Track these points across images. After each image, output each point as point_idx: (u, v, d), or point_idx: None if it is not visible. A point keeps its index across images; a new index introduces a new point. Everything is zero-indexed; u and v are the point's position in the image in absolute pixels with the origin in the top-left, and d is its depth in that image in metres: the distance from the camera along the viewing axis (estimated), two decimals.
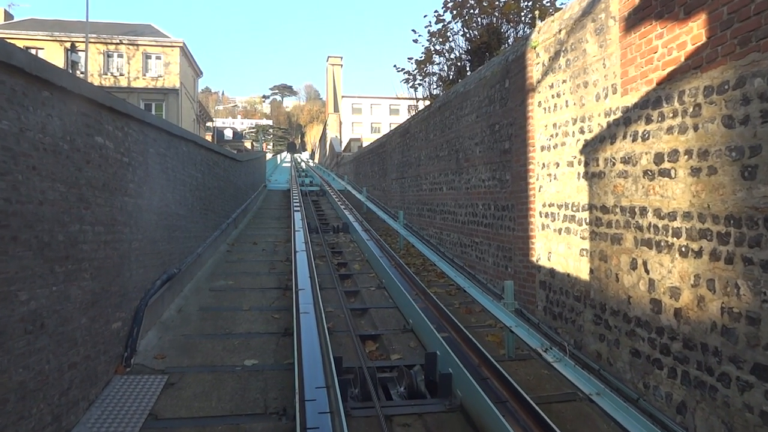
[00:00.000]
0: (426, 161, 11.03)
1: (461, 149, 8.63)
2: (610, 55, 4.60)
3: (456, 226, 8.94)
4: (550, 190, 5.67)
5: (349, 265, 9.88)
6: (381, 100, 71.84)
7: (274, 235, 12.67)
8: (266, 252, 10.64)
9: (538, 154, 5.98)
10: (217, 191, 10.53)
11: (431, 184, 10.60)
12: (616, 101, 4.51)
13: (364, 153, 22.12)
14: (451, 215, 9.21)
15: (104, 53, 30.38)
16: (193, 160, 8.36)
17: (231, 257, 10.06)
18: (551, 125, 5.67)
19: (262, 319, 6.66)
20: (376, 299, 7.66)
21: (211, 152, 9.87)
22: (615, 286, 4.48)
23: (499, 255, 7.04)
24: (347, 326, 6.52)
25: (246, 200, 15.57)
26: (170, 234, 6.91)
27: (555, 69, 5.60)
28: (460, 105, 8.69)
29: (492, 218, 7.28)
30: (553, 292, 5.57)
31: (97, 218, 4.48)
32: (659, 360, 3.89)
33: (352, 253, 10.88)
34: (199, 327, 6.32)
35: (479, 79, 7.81)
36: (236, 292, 7.80)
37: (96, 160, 4.49)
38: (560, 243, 5.44)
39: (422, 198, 11.36)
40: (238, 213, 13.22)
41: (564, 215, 5.37)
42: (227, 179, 11.97)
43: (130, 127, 5.41)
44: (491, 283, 7.32)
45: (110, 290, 4.79)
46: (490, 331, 6.33)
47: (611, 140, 4.56)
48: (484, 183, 7.55)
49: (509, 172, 6.68)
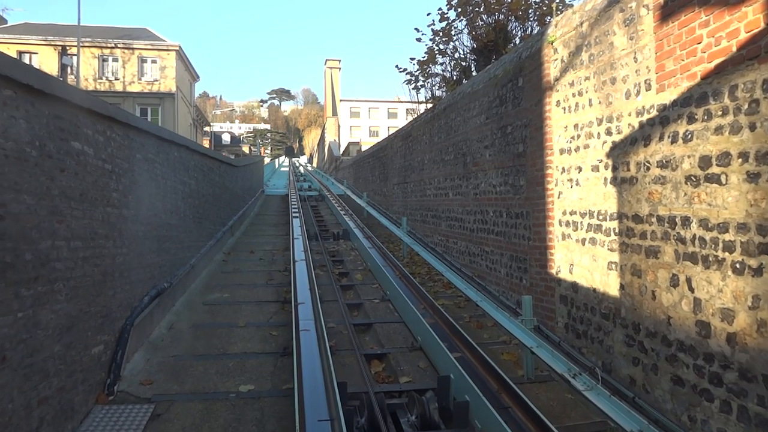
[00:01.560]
0: (430, 165, 10.58)
1: (469, 153, 8.18)
2: (643, 48, 4.16)
3: (464, 234, 8.48)
4: (572, 197, 5.21)
5: (350, 275, 9.41)
6: (379, 104, 71.65)
7: (272, 243, 12.20)
8: (264, 262, 10.16)
9: (556, 157, 5.53)
10: (212, 198, 10.06)
11: (436, 190, 10.15)
12: (651, 99, 4.06)
13: (363, 157, 21.68)
14: (458, 222, 8.76)
15: (99, 57, 29.93)
16: (186, 165, 7.90)
17: (227, 268, 9.58)
18: (572, 126, 5.22)
19: (259, 337, 6.19)
20: (380, 313, 7.19)
21: (206, 157, 9.42)
22: (651, 305, 4.02)
23: (512, 266, 6.58)
24: (351, 344, 6.06)
25: (243, 206, 15.10)
26: (160, 245, 6.44)
27: (576, 65, 5.16)
28: (467, 106, 8.25)
29: (504, 226, 6.82)
30: (576, 308, 5.11)
31: (73, 232, 4.02)
32: (708, 391, 3.42)
33: (354, 261, 10.42)
34: (191, 346, 5.84)
35: (488, 78, 7.37)
36: (232, 306, 7.33)
37: (72, 167, 4.03)
38: (584, 255, 4.99)
39: (426, 204, 10.90)
40: (234, 220, 12.75)
41: (588, 224, 4.91)
42: (223, 185, 11.50)
43: (114, 131, 4.95)
44: (504, 295, 6.86)
45: (90, 311, 4.32)
46: (504, 348, 5.87)
47: (645, 142, 4.11)
48: (495, 189, 7.09)
49: (524, 177, 6.23)
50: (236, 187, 13.86)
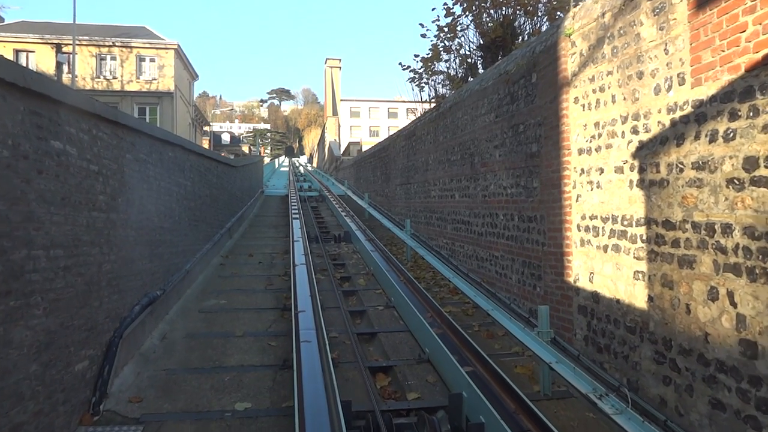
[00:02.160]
0: (435, 166, 10.23)
1: (477, 153, 7.84)
2: (675, 39, 3.81)
3: (471, 238, 8.14)
4: (592, 200, 4.87)
5: (353, 279, 9.07)
6: (379, 104, 71.35)
7: (271, 245, 11.85)
8: (263, 265, 9.81)
9: (574, 157, 5.18)
10: (209, 200, 9.72)
11: (441, 191, 9.80)
12: (684, 94, 3.72)
13: (365, 157, 21.33)
14: (465, 225, 8.41)
15: (96, 56, 29.57)
16: (181, 166, 7.56)
17: (224, 272, 9.24)
18: (592, 124, 4.88)
19: (258, 348, 5.84)
20: (385, 321, 6.85)
21: (202, 158, 9.07)
22: (685, 320, 3.68)
23: (525, 272, 6.23)
24: (354, 355, 5.71)
25: (242, 207, 14.76)
26: (152, 251, 6.09)
27: (597, 59, 4.81)
28: (475, 104, 7.90)
29: (516, 230, 6.48)
30: (597, 319, 4.76)
31: (53, 240, 3.67)
32: (755, 418, 3.08)
33: (356, 265, 10.07)
34: (185, 359, 5.50)
35: (498, 74, 7.02)
36: (229, 314, 6.98)
37: (52, 169, 3.68)
38: (606, 262, 4.64)
39: (431, 205, 10.56)
40: (233, 222, 12.41)
41: (611, 230, 4.57)
42: (221, 186, 11.16)
43: (100, 129, 4.60)
44: (515, 303, 6.51)
45: (72, 325, 3.97)
46: (518, 360, 5.52)
47: (677, 141, 3.77)
48: (506, 191, 6.75)
49: (537, 178, 5.89)
50: (234, 187, 13.52)
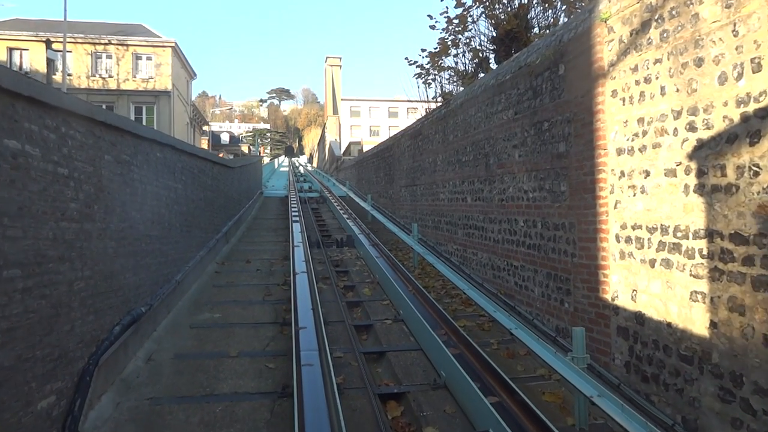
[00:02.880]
0: (444, 167, 9.63)
1: (492, 153, 7.23)
2: (747, 18, 3.21)
3: (486, 245, 7.53)
4: (635, 207, 4.26)
5: (357, 289, 8.46)
6: (379, 103, 70.91)
7: (270, 250, 11.24)
8: (261, 273, 9.21)
9: (612, 158, 4.58)
10: (203, 203, 9.11)
11: (451, 194, 9.20)
12: (760, 83, 3.12)
13: (367, 157, 20.72)
14: (479, 231, 7.81)
15: (92, 54, 28.94)
16: (171, 168, 6.95)
17: (219, 281, 8.63)
18: (635, 121, 4.28)
19: (254, 371, 5.24)
20: (394, 337, 6.24)
21: (196, 158, 8.46)
22: (762, 353, 3.08)
23: (550, 285, 5.63)
24: (362, 380, 5.12)
25: (239, 210, 14.15)
26: (137, 262, 5.49)
27: (641, 46, 4.21)
28: (491, 100, 7.30)
29: (539, 238, 5.87)
30: (642, 344, 4.16)
31: (6, 258, 3.07)
32: None
33: (360, 272, 9.46)
34: (172, 385, 4.90)
35: (518, 67, 6.42)
36: (223, 330, 6.37)
37: (4, 173, 3.08)
38: (654, 279, 4.04)
39: (439, 209, 9.95)
40: (230, 225, 11.80)
41: (660, 242, 3.96)
42: (216, 188, 10.55)
43: (71, 126, 4.00)
44: (539, 318, 5.91)
45: (34, 357, 3.37)
46: (545, 386, 4.93)
47: (751, 140, 3.17)
48: (527, 195, 6.14)
49: (565, 181, 5.29)
50: (232, 189, 12.92)
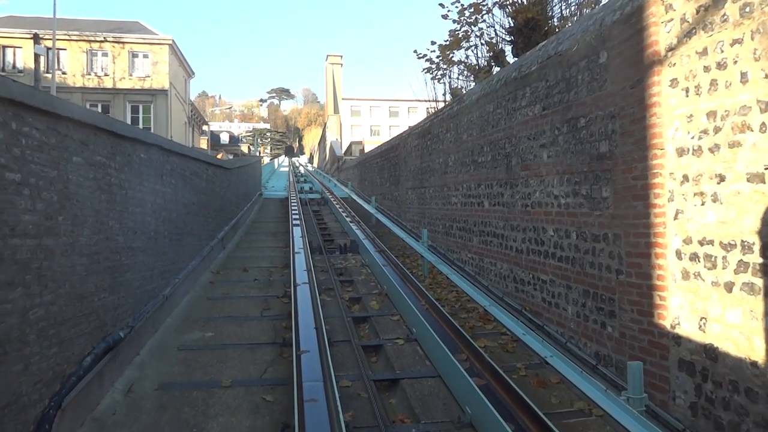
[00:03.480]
0: (456, 168, 8.93)
1: (515, 153, 6.53)
2: None
3: (506, 255, 6.83)
4: (704, 219, 3.56)
5: (364, 301, 7.75)
6: (380, 102, 70.42)
7: (269, 257, 10.54)
8: (259, 283, 8.50)
9: (671, 160, 3.88)
10: (196, 208, 8.42)
11: (465, 197, 8.50)
12: None
13: (370, 157, 20.02)
14: (498, 239, 7.11)
15: (87, 52, 28.23)
16: (159, 170, 6.26)
17: (214, 292, 7.93)
18: (703, 115, 3.58)
19: (249, 405, 4.54)
20: (407, 362, 5.54)
21: (188, 159, 7.77)
22: None
23: (587, 305, 4.93)
24: (374, 416, 4.42)
25: (237, 213, 13.45)
26: (115, 279, 4.80)
27: (712, 24, 3.51)
28: (512, 95, 6.59)
29: (572, 250, 5.17)
30: (715, 383, 3.46)
31: None
32: None
33: (366, 282, 8.75)
34: (153, 424, 4.19)
35: (546, 57, 5.72)
36: (215, 352, 5.67)
37: None
38: (730, 307, 3.34)
39: (451, 213, 9.25)
40: (226, 230, 11.11)
41: (740, 262, 3.26)
42: (212, 191, 9.85)
43: (25, 122, 3.30)
44: (573, 341, 5.21)
45: None
46: (587, 424, 4.22)
47: None
48: (558, 200, 5.45)
49: (609, 186, 4.58)
50: (228, 192, 12.22)
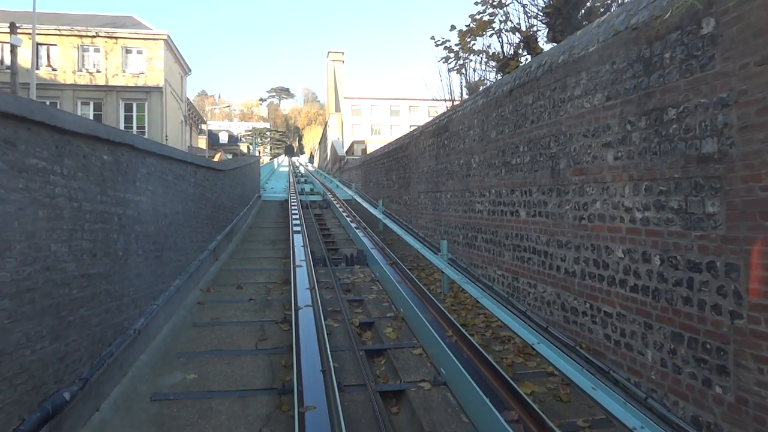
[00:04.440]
0: (482, 170, 7.78)
1: (564, 153, 5.39)
2: None
3: (550, 275, 5.68)
4: None
5: (377, 328, 6.58)
6: (381, 101, 69.57)
7: (267, 270, 9.37)
8: (255, 304, 7.34)
9: None
10: (182, 217, 7.27)
11: (493, 204, 7.35)
12: None
13: (375, 157, 18.85)
14: (539, 256, 5.96)
15: (79, 47, 27.05)
16: (130, 175, 5.10)
17: (201, 316, 6.76)
18: None
19: None
20: (438, 417, 4.37)
21: (170, 161, 6.60)
22: None
23: (680, 352, 3.78)
24: None
25: (232, 219, 12.30)
26: (62, 320, 3.64)
27: None
28: (561, 83, 5.45)
29: (655, 280, 4.03)
30: None
31: None
32: None
33: (378, 302, 7.58)
34: None
35: (612, 33, 4.56)
36: (197, 404, 4.50)
37: None
38: None
39: (475, 222, 8.10)
40: (220, 239, 9.95)
41: None
42: (202, 197, 8.70)
43: None
44: (656, 396, 4.05)
45: None
46: None
47: None
48: (631, 213, 4.30)
49: (716, 198, 3.44)
50: (222, 196, 11.06)
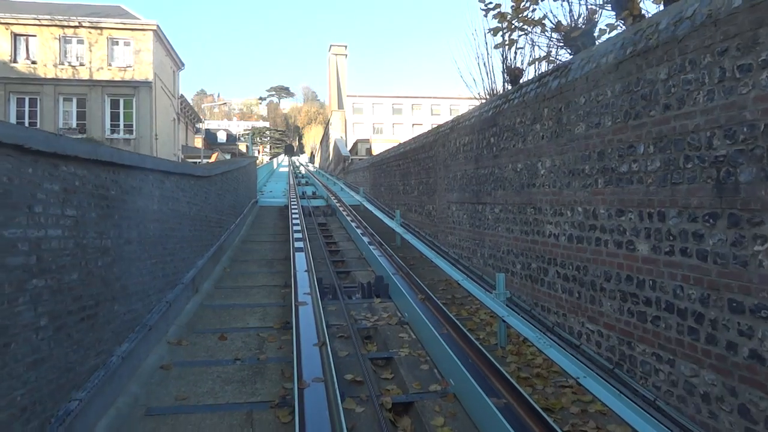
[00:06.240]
0: (557, 178, 5.67)
1: (748, 158, 3.27)
2: None
3: (714, 356, 3.56)
4: None
5: (420, 413, 4.40)
6: (383, 99, 68.27)
7: (260, 308, 7.20)
8: (242, 369, 5.13)
9: None
10: (137, 248, 5.12)
11: (579, 228, 5.23)
12: None
13: (387, 158, 16.72)
14: (685, 319, 3.83)
15: (60, 38, 24.91)
16: (23, 197, 2.99)
17: (161, 396, 4.52)
18: None
19: None
20: None
21: (116, 169, 4.44)
22: None
23: None
24: None
25: (220, 235, 10.17)
26: None
27: None
28: (747, 39, 3.33)
29: None
30: None
31: None
32: None
33: (415, 364, 5.38)
34: None
35: None
36: None
37: None
38: None
39: (543, 249, 5.98)
40: (201, 265, 7.83)
41: None
42: (172, 214, 6.55)
43: None
44: None
45: None
46: None
47: None
48: None
49: None
50: (206, 208, 8.92)
